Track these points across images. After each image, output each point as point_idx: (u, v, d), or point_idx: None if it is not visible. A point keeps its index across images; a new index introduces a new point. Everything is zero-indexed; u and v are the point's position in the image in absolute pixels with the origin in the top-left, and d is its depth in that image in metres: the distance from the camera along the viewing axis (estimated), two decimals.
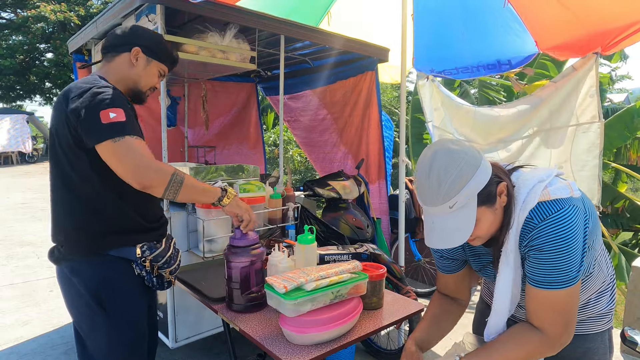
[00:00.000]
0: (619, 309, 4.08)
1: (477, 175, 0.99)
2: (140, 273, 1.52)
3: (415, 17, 3.12)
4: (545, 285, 1.03)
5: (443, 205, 1.00)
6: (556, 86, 2.70)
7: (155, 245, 1.55)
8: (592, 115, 2.58)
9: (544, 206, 1.04)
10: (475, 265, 1.28)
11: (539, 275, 1.04)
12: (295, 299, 1.27)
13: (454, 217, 1.01)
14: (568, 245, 1.00)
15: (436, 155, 1.02)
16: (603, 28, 2.43)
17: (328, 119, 3.70)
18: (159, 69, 1.64)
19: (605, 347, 1.21)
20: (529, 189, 1.06)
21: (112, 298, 1.47)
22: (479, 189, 1.01)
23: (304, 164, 8.13)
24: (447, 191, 0.99)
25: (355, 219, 2.85)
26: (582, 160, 2.62)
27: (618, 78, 14.68)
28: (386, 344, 2.79)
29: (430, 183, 1.00)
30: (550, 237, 1.01)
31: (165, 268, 1.57)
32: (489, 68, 3.00)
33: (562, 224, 1.00)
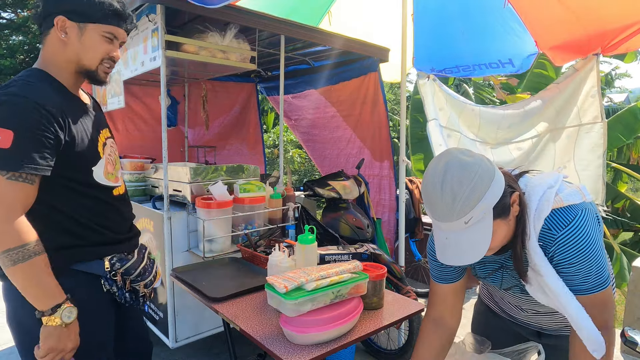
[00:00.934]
0: (619, 309, 4.08)
1: (492, 188, 0.95)
2: (110, 289, 1.36)
3: (415, 16, 3.11)
4: (589, 292, 1.03)
5: (458, 221, 0.95)
6: (559, 87, 2.71)
7: (126, 256, 1.41)
8: (594, 115, 2.58)
9: (558, 214, 1.02)
10: (482, 272, 1.26)
11: (580, 284, 1.03)
12: (296, 298, 1.27)
13: (470, 233, 0.96)
14: (593, 251, 1.01)
15: (448, 168, 0.96)
16: (603, 28, 2.43)
17: (338, 116, 3.71)
18: (101, 32, 1.27)
19: None
20: (539, 196, 1.04)
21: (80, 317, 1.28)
22: (495, 202, 0.96)
23: (304, 165, 8.13)
24: (463, 206, 0.93)
25: (355, 219, 2.85)
26: (585, 160, 2.61)
27: (617, 77, 14.66)
28: (386, 344, 2.79)
29: (444, 198, 0.95)
30: (576, 248, 1.01)
31: (139, 281, 1.42)
32: (490, 67, 3.00)
33: (582, 233, 1.00)
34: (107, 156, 1.39)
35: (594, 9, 2.40)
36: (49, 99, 1.20)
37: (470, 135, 2.94)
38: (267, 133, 8.44)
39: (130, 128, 3.62)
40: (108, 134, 1.45)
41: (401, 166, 2.87)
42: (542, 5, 2.58)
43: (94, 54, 1.28)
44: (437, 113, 2.93)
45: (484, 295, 1.47)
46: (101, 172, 1.34)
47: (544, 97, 2.78)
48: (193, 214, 2.31)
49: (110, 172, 1.38)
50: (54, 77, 1.28)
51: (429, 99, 2.96)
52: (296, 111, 4.08)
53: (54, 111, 1.18)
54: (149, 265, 1.49)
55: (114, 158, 1.44)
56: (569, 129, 2.67)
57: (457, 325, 1.30)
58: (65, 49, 1.26)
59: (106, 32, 1.28)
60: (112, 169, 1.39)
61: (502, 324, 1.37)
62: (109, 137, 1.45)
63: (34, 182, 1.17)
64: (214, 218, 2.21)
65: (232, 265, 2.09)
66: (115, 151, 1.47)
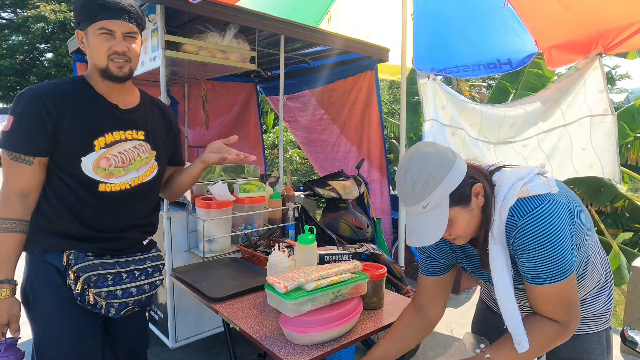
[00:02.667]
0: (618, 309, 4.08)
1: (449, 178, 1.03)
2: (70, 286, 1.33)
3: (415, 16, 3.12)
4: (541, 282, 1.05)
5: (417, 206, 1.05)
6: (559, 87, 2.71)
7: (86, 256, 1.34)
8: (604, 108, 2.59)
9: (522, 203, 1.06)
10: (469, 267, 1.28)
11: (533, 273, 1.05)
12: (296, 298, 1.27)
13: (428, 217, 1.05)
14: (553, 240, 1.01)
15: (411, 159, 1.07)
16: (603, 28, 2.43)
17: (325, 119, 3.70)
18: (95, 31, 1.31)
19: (603, 348, 1.22)
20: (508, 187, 1.08)
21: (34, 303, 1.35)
22: (451, 190, 1.04)
23: (303, 165, 8.13)
24: (420, 193, 1.04)
25: (355, 219, 2.85)
26: (602, 145, 2.62)
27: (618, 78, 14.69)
28: None
29: (406, 185, 1.06)
30: (534, 235, 1.03)
31: (90, 287, 1.31)
32: (490, 67, 3.01)
33: (543, 220, 1.03)
34: (114, 153, 1.38)
35: (593, 9, 2.40)
36: (49, 92, 1.31)
37: (472, 133, 2.95)
38: (267, 133, 8.44)
39: None
40: (137, 137, 1.45)
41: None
42: (542, 5, 2.58)
43: (98, 54, 1.33)
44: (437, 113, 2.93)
45: (484, 294, 1.48)
46: (90, 164, 1.34)
47: (544, 97, 2.78)
48: (193, 214, 2.31)
49: (102, 167, 1.36)
50: (86, 81, 1.40)
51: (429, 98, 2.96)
52: (289, 112, 4.09)
53: (48, 102, 1.29)
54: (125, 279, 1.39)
55: (129, 158, 1.42)
56: (582, 119, 2.68)
57: (436, 318, 1.34)
58: (89, 57, 1.37)
59: (99, 29, 1.30)
60: (108, 165, 1.37)
61: (500, 322, 1.38)
62: (137, 139, 1.45)
63: (31, 163, 1.29)
64: (214, 218, 2.21)
65: (232, 265, 2.09)
66: (140, 154, 1.45)
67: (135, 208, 1.47)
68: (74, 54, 3.17)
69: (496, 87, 5.62)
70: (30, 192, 1.31)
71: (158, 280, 1.51)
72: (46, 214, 1.35)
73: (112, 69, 1.34)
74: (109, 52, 1.32)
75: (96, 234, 1.38)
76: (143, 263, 1.47)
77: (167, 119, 1.62)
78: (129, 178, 1.42)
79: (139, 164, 1.46)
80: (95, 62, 1.34)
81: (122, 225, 1.43)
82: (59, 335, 1.35)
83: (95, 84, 1.40)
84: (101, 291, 1.33)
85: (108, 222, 1.40)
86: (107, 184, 1.38)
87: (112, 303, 1.36)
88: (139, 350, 1.62)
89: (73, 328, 1.36)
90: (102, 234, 1.39)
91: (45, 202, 1.35)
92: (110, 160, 1.38)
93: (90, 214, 1.37)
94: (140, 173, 1.46)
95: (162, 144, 1.55)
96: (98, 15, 1.29)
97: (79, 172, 1.33)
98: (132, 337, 1.57)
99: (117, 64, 1.34)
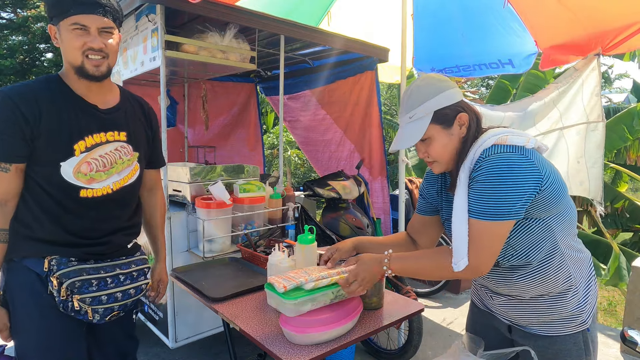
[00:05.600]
0: (618, 309, 4.08)
1: (438, 97, 1.18)
2: (52, 292, 1.28)
3: (415, 16, 3.12)
4: (473, 215, 1.11)
5: (405, 116, 1.22)
6: (557, 87, 2.71)
7: (69, 261, 1.30)
8: (597, 114, 2.60)
9: (496, 147, 1.14)
10: (445, 213, 1.36)
11: (472, 204, 1.12)
12: (296, 298, 1.27)
13: (410, 126, 1.21)
14: (502, 180, 1.07)
15: (419, 79, 1.24)
16: (603, 28, 2.43)
17: (328, 119, 3.70)
18: (68, 26, 1.24)
19: (580, 350, 1.20)
20: (491, 135, 1.17)
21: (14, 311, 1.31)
22: (436, 108, 1.18)
23: (302, 165, 8.13)
24: (411, 103, 1.21)
25: (355, 219, 2.85)
26: (593, 157, 2.64)
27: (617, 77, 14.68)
28: (386, 344, 2.79)
29: (404, 96, 1.24)
30: (488, 170, 1.10)
31: (74, 293, 1.28)
32: (490, 67, 3.01)
33: (503, 161, 1.09)
34: (94, 157, 1.34)
35: (593, 9, 2.40)
36: (23, 95, 1.25)
37: None
38: (267, 134, 8.43)
39: None
40: (119, 138, 1.40)
41: (401, 166, 2.87)
42: (542, 5, 2.58)
43: (72, 50, 1.25)
44: None
45: (473, 294, 1.49)
46: (70, 170, 1.30)
47: (542, 97, 2.78)
48: (193, 214, 2.31)
49: (83, 172, 1.32)
50: (62, 80, 1.33)
51: None
52: (290, 113, 4.08)
53: (22, 105, 1.23)
54: (111, 284, 1.35)
55: (110, 161, 1.38)
56: (578, 126, 2.68)
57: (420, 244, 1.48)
58: (63, 54, 1.29)
59: (72, 24, 1.23)
60: (89, 169, 1.33)
61: (485, 320, 1.40)
62: (119, 140, 1.40)
63: (8, 170, 1.25)
64: (214, 218, 2.21)
65: (232, 265, 2.09)
66: (122, 156, 1.40)
67: (117, 212, 1.43)
68: None
69: (496, 86, 5.62)
70: (8, 200, 1.27)
71: (144, 284, 1.46)
72: (25, 221, 1.30)
73: (88, 67, 1.27)
74: (83, 49, 1.25)
75: (79, 240, 1.34)
76: (128, 267, 1.42)
77: (148, 117, 1.55)
78: (110, 182, 1.38)
79: (121, 167, 1.41)
80: (70, 60, 1.27)
81: (106, 230, 1.40)
82: (41, 342, 1.31)
83: (71, 83, 1.33)
84: (85, 297, 1.29)
85: (91, 228, 1.36)
86: (88, 190, 1.34)
87: (97, 309, 1.32)
88: (129, 352, 1.60)
89: (56, 335, 1.32)
90: (85, 240, 1.35)
91: (24, 209, 1.30)
92: (92, 164, 1.33)
93: (72, 220, 1.33)
94: (122, 176, 1.42)
95: (142, 145, 1.50)
96: (70, 9, 1.22)
97: (58, 178, 1.29)
98: (119, 340, 1.54)
99: (93, 61, 1.27)
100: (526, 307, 1.22)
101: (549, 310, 1.19)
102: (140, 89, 3.61)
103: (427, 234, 1.47)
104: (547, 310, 1.19)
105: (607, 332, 3.22)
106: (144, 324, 2.63)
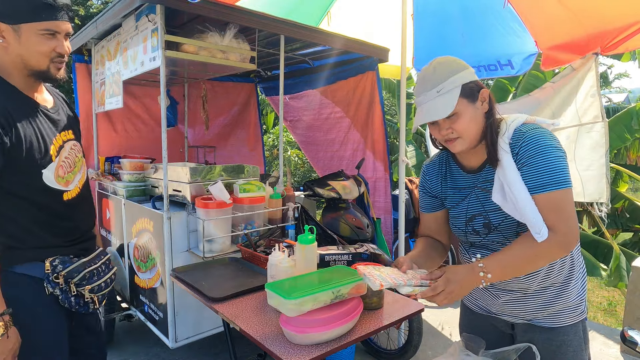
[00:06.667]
0: (618, 309, 4.08)
1: (464, 73, 1.20)
2: (54, 292, 1.33)
3: (415, 17, 3.12)
4: (547, 187, 1.11)
5: (432, 91, 1.19)
6: (554, 87, 2.71)
7: (70, 259, 1.37)
8: (594, 115, 2.58)
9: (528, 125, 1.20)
10: (452, 200, 1.35)
11: (539, 179, 1.12)
12: (296, 298, 1.26)
13: (439, 99, 1.18)
14: (555, 150, 1.12)
15: (437, 58, 1.24)
16: (603, 28, 2.43)
17: (332, 118, 3.70)
18: (37, 31, 1.20)
19: (580, 339, 1.24)
20: (519, 115, 1.23)
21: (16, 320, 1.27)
22: (464, 82, 1.19)
23: (302, 165, 8.13)
24: (439, 77, 1.19)
25: (355, 219, 2.85)
26: (587, 160, 2.62)
27: (617, 77, 14.67)
28: (386, 344, 2.79)
29: (428, 71, 1.22)
30: (539, 143, 1.13)
31: (83, 285, 1.37)
32: (490, 69, 3.01)
33: (545, 135, 1.15)
34: (63, 160, 1.35)
35: (593, 9, 2.40)
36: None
37: None
38: (267, 134, 8.43)
39: (129, 128, 3.62)
40: (70, 136, 1.42)
41: (401, 166, 2.87)
42: (542, 5, 2.58)
43: (39, 55, 1.22)
44: None
45: (468, 301, 1.49)
46: (52, 175, 1.30)
47: (539, 98, 2.78)
48: (193, 214, 2.31)
49: (61, 175, 1.34)
50: (4, 80, 1.27)
51: None
52: (292, 112, 4.08)
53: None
54: (102, 271, 1.45)
55: (73, 161, 1.41)
56: (568, 129, 2.67)
57: (444, 241, 1.47)
58: (7, 53, 1.22)
59: (43, 30, 1.20)
60: (63, 172, 1.36)
61: (482, 322, 1.41)
62: (70, 139, 1.42)
63: None
64: (214, 218, 2.20)
65: (232, 265, 2.09)
66: (76, 153, 1.44)
67: (87, 208, 1.51)
68: (73, 54, 3.16)
69: (495, 85, 5.61)
70: None
71: (113, 274, 1.56)
72: (13, 235, 1.29)
73: (54, 71, 1.26)
74: (51, 54, 1.23)
75: (69, 241, 1.39)
76: (99, 258, 1.51)
77: (72, 110, 1.55)
78: (77, 181, 1.43)
79: (79, 165, 1.45)
80: (31, 63, 1.23)
81: (85, 228, 1.48)
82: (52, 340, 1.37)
83: (17, 83, 1.27)
84: (94, 287, 1.41)
85: (76, 227, 1.43)
86: (68, 192, 1.38)
87: (99, 297, 1.44)
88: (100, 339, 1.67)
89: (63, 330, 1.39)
90: (74, 239, 1.41)
91: (8, 224, 1.28)
92: (64, 167, 1.36)
93: (61, 223, 1.37)
94: (82, 173, 1.47)
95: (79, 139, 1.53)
96: (42, 14, 1.18)
97: (42, 184, 1.29)
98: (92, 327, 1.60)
99: (57, 65, 1.27)
100: (532, 300, 1.25)
101: (553, 301, 1.23)
102: (140, 89, 3.61)
103: (444, 229, 1.45)
104: (552, 302, 1.23)
105: (607, 332, 3.22)
106: (143, 324, 2.63)
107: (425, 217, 1.47)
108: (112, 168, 3.08)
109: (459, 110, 1.18)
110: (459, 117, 1.18)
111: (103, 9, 5.62)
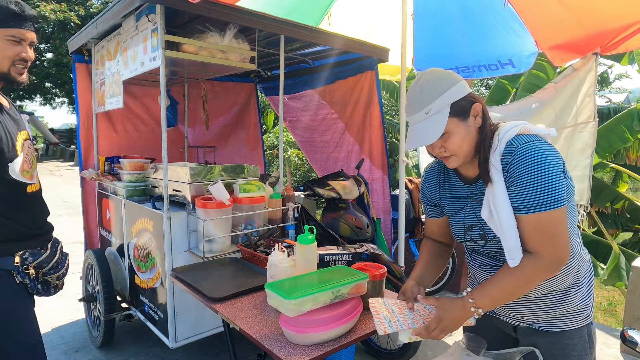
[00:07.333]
0: (618, 309, 4.08)
1: (452, 90, 1.15)
2: (23, 281, 1.46)
3: (415, 17, 3.12)
4: (534, 209, 1.09)
5: (420, 112, 1.16)
6: (556, 87, 2.71)
7: (39, 251, 1.50)
8: (588, 115, 2.59)
9: (522, 137, 1.14)
10: (451, 208, 1.34)
11: (526, 200, 1.09)
12: (296, 298, 1.27)
13: (429, 122, 1.16)
14: (547, 168, 1.07)
15: (424, 74, 1.21)
16: (603, 28, 2.44)
17: (328, 119, 3.70)
18: (4, 36, 1.31)
19: (585, 343, 1.23)
20: (512, 125, 1.17)
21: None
22: (453, 100, 1.15)
23: (302, 165, 8.13)
24: (426, 98, 1.15)
25: (355, 219, 2.85)
26: (575, 160, 2.64)
27: (617, 77, 14.67)
28: (386, 344, 2.79)
29: (414, 92, 1.19)
30: (530, 161, 1.09)
31: (52, 274, 1.54)
32: (489, 69, 3.01)
33: (539, 150, 1.09)
34: (25, 155, 1.46)
35: (593, 8, 2.40)
36: None
37: None
38: (267, 134, 8.43)
39: (129, 128, 3.62)
40: (26, 136, 1.53)
41: (401, 166, 2.87)
42: (542, 5, 2.58)
43: (3, 58, 1.32)
44: None
45: None
46: (17, 168, 1.40)
47: (541, 99, 2.78)
48: (193, 214, 2.31)
49: (26, 169, 1.44)
50: None
51: None
52: (291, 112, 4.08)
53: None
54: (62, 259, 1.61)
55: (32, 158, 1.53)
56: (567, 129, 2.68)
57: (449, 243, 1.50)
58: None
59: (9, 36, 1.31)
60: (28, 167, 1.47)
61: (485, 322, 1.40)
62: (27, 139, 1.53)
63: None
64: (214, 218, 2.20)
65: (232, 265, 2.09)
66: (32, 152, 1.56)
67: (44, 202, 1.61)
68: (73, 54, 3.16)
69: (495, 85, 5.61)
70: None
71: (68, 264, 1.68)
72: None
73: (14, 74, 1.37)
74: (14, 58, 1.34)
75: (33, 233, 1.50)
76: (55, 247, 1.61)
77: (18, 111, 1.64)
78: (36, 176, 1.54)
79: (35, 162, 1.56)
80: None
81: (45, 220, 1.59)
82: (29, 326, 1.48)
83: None
84: (60, 274, 1.58)
85: (39, 220, 1.54)
86: (32, 185, 1.48)
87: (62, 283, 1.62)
88: None
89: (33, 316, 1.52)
90: (37, 231, 1.52)
91: None
92: (27, 162, 1.47)
93: (25, 216, 1.46)
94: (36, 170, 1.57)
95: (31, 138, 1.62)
96: (10, 21, 1.30)
97: (7, 176, 1.38)
98: None
99: (19, 70, 1.38)
100: (534, 304, 1.24)
101: (556, 306, 1.22)
102: (140, 89, 3.61)
103: (444, 230, 1.47)
104: (554, 306, 1.22)
105: (607, 332, 3.22)
106: (143, 324, 2.63)
107: (429, 222, 1.50)
108: (112, 168, 3.08)
109: (449, 129, 1.15)
110: (450, 136, 1.16)
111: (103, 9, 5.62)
